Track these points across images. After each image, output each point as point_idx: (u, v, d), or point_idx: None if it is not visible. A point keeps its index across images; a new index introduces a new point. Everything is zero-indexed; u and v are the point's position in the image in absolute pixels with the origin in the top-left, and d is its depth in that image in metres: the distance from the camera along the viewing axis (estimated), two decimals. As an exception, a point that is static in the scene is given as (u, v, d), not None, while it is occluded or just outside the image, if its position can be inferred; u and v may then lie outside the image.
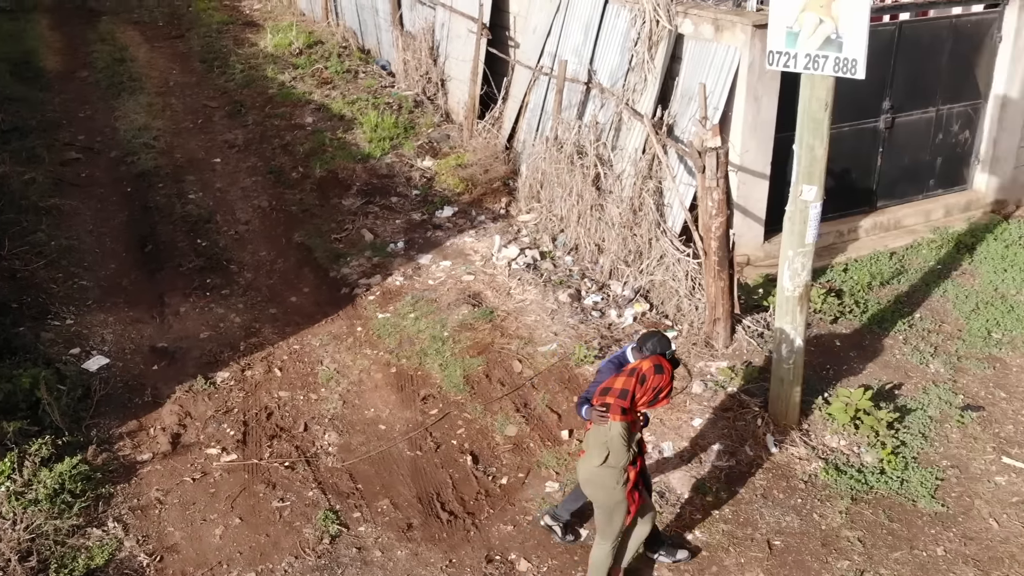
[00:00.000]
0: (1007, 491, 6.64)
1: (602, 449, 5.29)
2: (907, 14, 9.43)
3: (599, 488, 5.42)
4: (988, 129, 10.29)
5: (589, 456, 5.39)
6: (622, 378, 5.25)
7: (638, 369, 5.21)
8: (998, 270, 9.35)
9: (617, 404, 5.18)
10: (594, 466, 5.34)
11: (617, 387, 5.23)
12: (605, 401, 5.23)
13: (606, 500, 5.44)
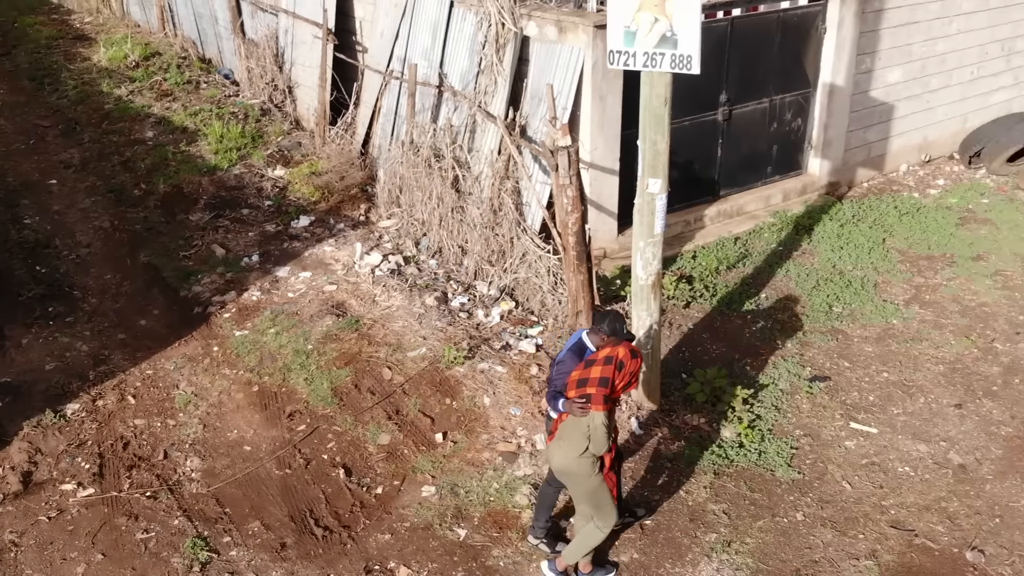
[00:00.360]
0: (856, 454, 7.11)
1: (582, 439, 5.31)
2: (738, 9, 9.93)
3: (576, 476, 5.46)
4: (818, 116, 10.97)
5: (567, 447, 5.39)
6: (598, 367, 5.27)
7: (615, 356, 5.24)
8: (835, 248, 9.99)
9: (599, 393, 5.20)
10: (574, 456, 5.36)
11: (595, 376, 5.24)
12: (585, 392, 5.24)
13: (584, 487, 5.50)
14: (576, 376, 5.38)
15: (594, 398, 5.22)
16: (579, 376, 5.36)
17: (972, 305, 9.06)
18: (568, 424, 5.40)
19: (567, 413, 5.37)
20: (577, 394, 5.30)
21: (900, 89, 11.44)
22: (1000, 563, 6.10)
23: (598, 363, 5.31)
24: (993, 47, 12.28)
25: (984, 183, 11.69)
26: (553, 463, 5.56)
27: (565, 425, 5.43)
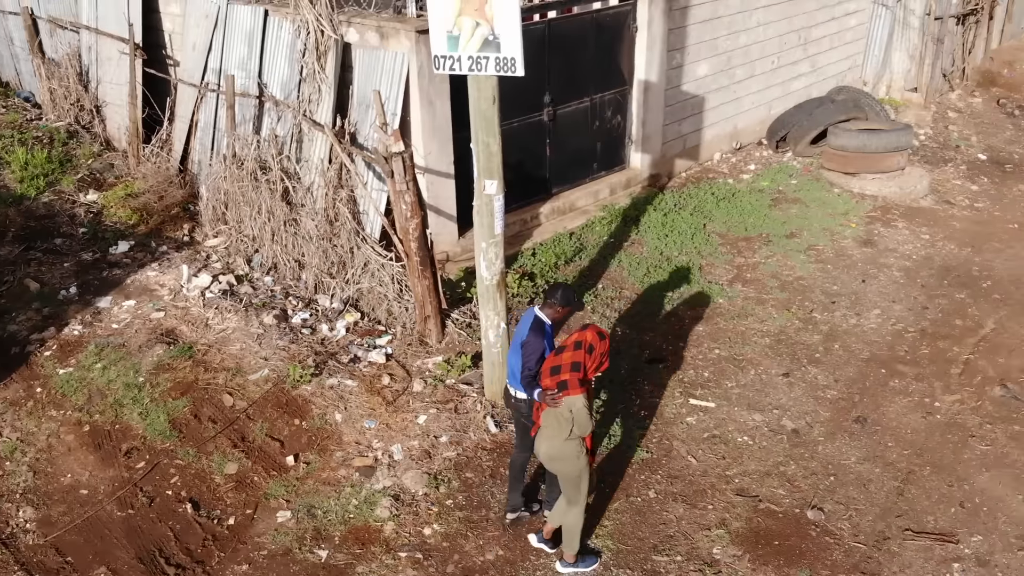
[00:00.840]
0: (698, 429, 7.46)
1: (565, 424, 5.45)
2: (554, 12, 10.20)
3: (565, 461, 5.60)
4: (636, 112, 11.43)
5: (552, 434, 5.52)
6: (568, 352, 5.43)
7: (583, 340, 5.42)
8: (660, 236, 10.44)
9: (574, 378, 5.37)
10: (560, 442, 5.50)
11: (567, 363, 5.40)
12: (560, 379, 5.38)
13: (572, 470, 5.64)
14: (549, 364, 5.54)
15: (570, 383, 5.40)
16: (552, 364, 5.52)
17: (790, 280, 9.72)
18: (550, 412, 5.55)
19: (545, 404, 5.52)
20: (553, 382, 5.44)
21: (709, 82, 12.11)
22: (838, 518, 6.57)
23: (568, 349, 5.48)
24: (791, 37, 13.21)
25: (791, 165, 12.57)
26: (541, 452, 5.70)
27: (547, 414, 5.58)
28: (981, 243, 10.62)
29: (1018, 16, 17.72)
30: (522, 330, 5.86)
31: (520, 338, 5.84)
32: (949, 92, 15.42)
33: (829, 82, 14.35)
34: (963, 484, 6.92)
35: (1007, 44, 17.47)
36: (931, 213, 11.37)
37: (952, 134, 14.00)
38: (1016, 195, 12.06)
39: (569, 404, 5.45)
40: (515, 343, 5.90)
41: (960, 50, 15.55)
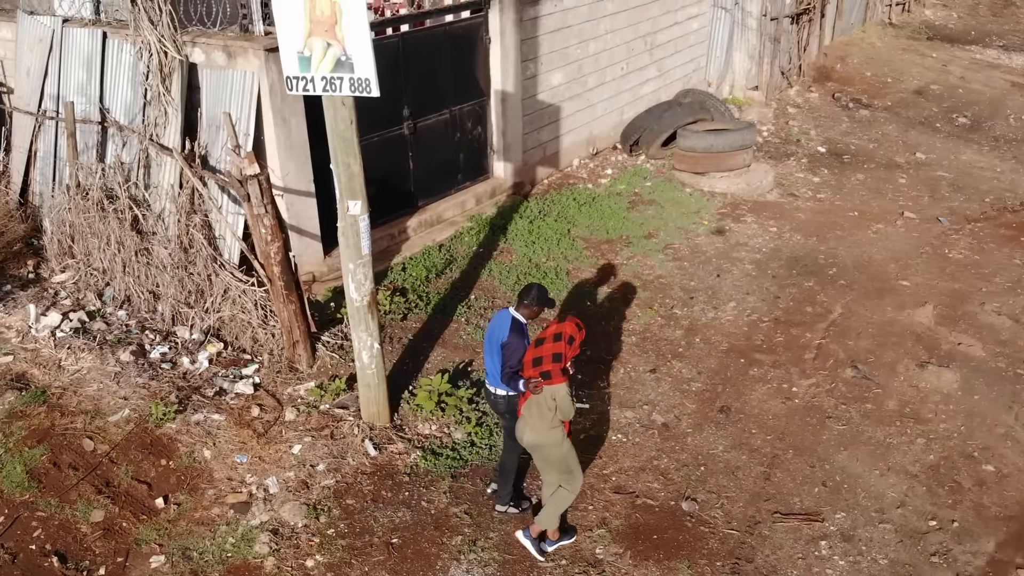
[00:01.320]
0: (575, 431, 7.50)
1: (548, 412, 5.80)
2: (406, 25, 10.19)
3: (549, 448, 5.94)
4: (496, 122, 11.56)
5: (536, 421, 5.85)
6: (549, 344, 5.73)
7: (563, 332, 5.74)
8: (528, 243, 10.59)
9: (556, 368, 5.69)
10: (545, 429, 5.84)
11: (548, 354, 5.69)
12: (543, 370, 5.68)
13: (557, 455, 5.97)
14: (531, 356, 5.81)
15: (553, 373, 5.71)
16: (533, 356, 5.79)
17: (650, 279, 10.05)
18: (532, 401, 5.84)
19: (529, 392, 5.80)
20: (536, 373, 5.71)
21: (563, 90, 12.38)
22: (711, 507, 6.85)
23: (548, 341, 5.77)
24: (638, 43, 13.67)
25: (645, 167, 12.99)
26: (525, 440, 5.99)
27: (530, 403, 5.87)
28: (825, 232, 11.29)
29: (848, 12, 18.95)
30: (499, 332, 6.12)
31: (499, 339, 6.10)
32: (788, 88, 16.32)
33: (676, 85, 14.92)
34: (824, 464, 7.33)
35: (839, 40, 18.65)
36: (777, 206, 12.01)
37: (793, 129, 14.82)
38: (854, 184, 12.88)
39: (552, 392, 5.77)
40: (492, 344, 6.19)
41: (796, 48, 16.48)
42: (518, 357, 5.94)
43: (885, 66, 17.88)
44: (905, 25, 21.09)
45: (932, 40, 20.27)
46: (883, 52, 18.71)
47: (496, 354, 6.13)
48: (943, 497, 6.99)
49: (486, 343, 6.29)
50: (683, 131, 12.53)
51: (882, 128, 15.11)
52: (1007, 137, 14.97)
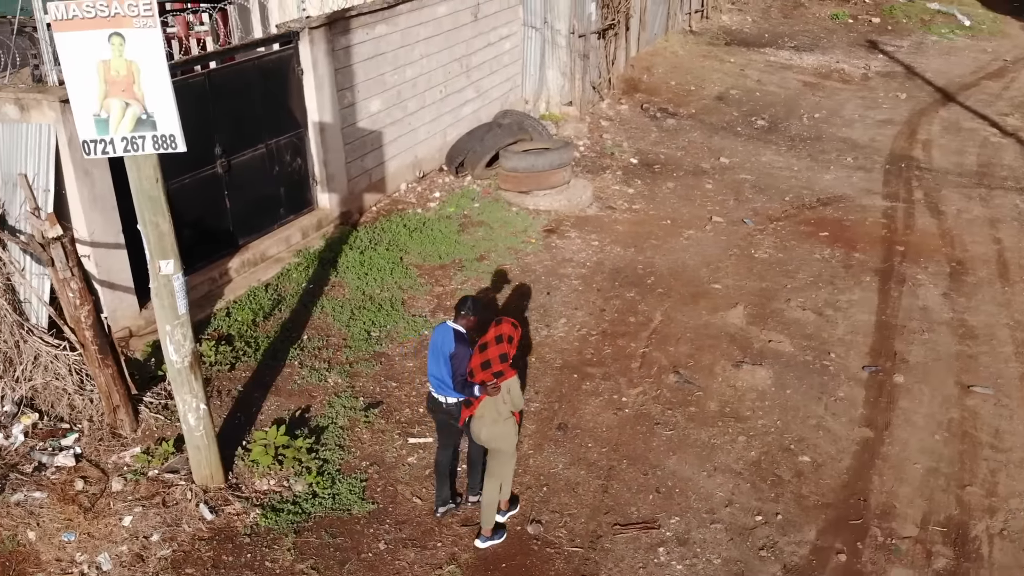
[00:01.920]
0: (419, 467, 7.65)
1: (503, 406, 6.40)
2: (215, 62, 9.89)
3: (505, 438, 6.57)
4: (316, 153, 11.40)
5: (493, 418, 6.44)
6: (492, 347, 6.29)
7: (503, 334, 6.30)
8: (360, 275, 10.52)
9: (506, 366, 6.30)
10: (501, 422, 6.44)
11: (495, 355, 6.28)
12: (494, 370, 6.25)
13: (510, 446, 6.64)
14: (478, 361, 6.33)
15: (505, 372, 6.32)
16: (481, 360, 6.32)
17: (486, 302, 10.21)
18: (487, 400, 6.38)
19: (484, 395, 6.34)
20: (488, 375, 6.26)
21: (383, 117, 12.37)
22: (556, 527, 7.06)
23: (492, 344, 6.31)
24: (454, 66, 13.84)
25: (473, 188, 13.19)
26: (483, 437, 6.57)
27: (484, 402, 6.42)
28: (642, 242, 11.85)
29: (651, 23, 19.90)
30: (444, 345, 6.61)
31: (447, 351, 6.57)
32: (600, 102, 16.98)
33: (495, 104, 15.22)
34: (656, 471, 7.72)
35: (644, 50, 19.57)
36: (597, 220, 12.49)
37: (607, 142, 15.44)
38: (666, 193, 13.58)
39: (507, 386, 6.39)
40: (438, 356, 6.63)
41: (604, 62, 17.17)
42: (467, 364, 6.45)
43: (688, 74, 18.91)
44: (705, 32, 22.38)
45: (730, 45, 21.61)
46: (686, 60, 19.79)
47: (444, 365, 6.59)
48: (766, 491, 7.51)
49: (431, 357, 6.73)
50: (505, 152, 12.82)
51: (688, 135, 15.98)
52: (802, 136, 16.19)
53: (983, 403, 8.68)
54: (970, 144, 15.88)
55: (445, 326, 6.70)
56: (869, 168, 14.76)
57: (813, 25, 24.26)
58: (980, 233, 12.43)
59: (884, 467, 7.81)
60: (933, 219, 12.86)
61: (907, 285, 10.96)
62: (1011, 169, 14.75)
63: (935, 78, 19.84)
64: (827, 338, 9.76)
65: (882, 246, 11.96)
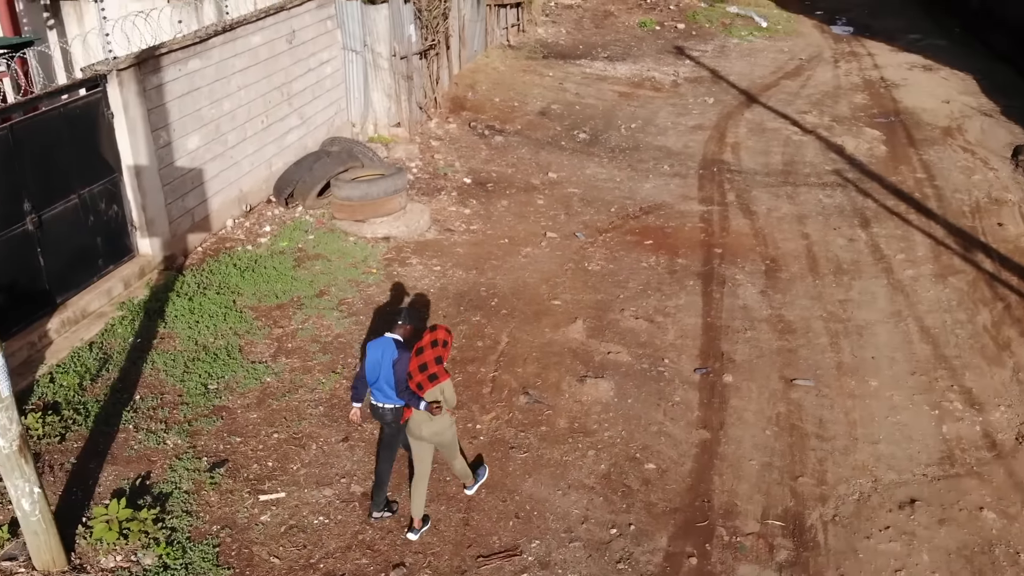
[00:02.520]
0: (274, 525, 7.45)
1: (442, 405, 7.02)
2: (18, 113, 9.24)
3: (445, 432, 7.20)
4: (133, 198, 10.85)
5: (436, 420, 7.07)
6: (428, 351, 6.94)
7: (438, 339, 6.97)
8: (191, 324, 10.11)
9: (440, 369, 6.96)
10: (439, 419, 7.09)
11: (431, 358, 6.94)
12: (431, 373, 6.92)
13: (450, 437, 7.30)
14: (416, 364, 6.94)
15: (439, 374, 6.94)
16: (419, 363, 6.94)
17: (329, 340, 10.07)
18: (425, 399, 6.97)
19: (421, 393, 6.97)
20: (424, 377, 6.90)
21: (203, 153, 11.93)
22: (420, 568, 7.07)
23: (427, 349, 6.95)
24: (274, 95, 13.52)
25: (305, 220, 12.93)
26: (424, 434, 7.15)
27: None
28: (483, 264, 12.03)
29: (471, 40, 20.16)
30: (388, 353, 7.14)
31: (390, 359, 7.12)
32: (428, 121, 17.06)
33: (321, 129, 15.00)
34: (514, 496, 7.88)
35: (467, 67, 19.81)
36: (437, 244, 12.57)
37: (439, 162, 15.54)
38: (501, 211, 13.83)
39: (441, 388, 6.97)
40: (382, 366, 7.14)
41: (429, 82, 17.25)
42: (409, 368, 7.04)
43: (511, 90, 19.30)
44: (523, 46, 22.89)
45: (547, 59, 22.20)
46: (507, 76, 20.19)
47: (389, 371, 7.12)
48: (618, 503, 7.82)
49: (369, 369, 7.21)
50: (336, 181, 12.65)
51: (517, 152, 16.33)
52: (621, 147, 16.88)
53: (806, 395, 9.39)
54: (775, 144, 17.06)
55: (384, 338, 7.27)
56: (684, 174, 15.58)
57: (624, 34, 25.29)
58: (789, 230, 13.40)
59: (723, 467, 8.31)
60: (746, 219, 13.75)
61: (727, 286, 11.68)
62: (812, 165, 15.98)
63: (739, 80, 21.16)
64: (660, 344, 10.26)
65: (702, 250, 12.68)
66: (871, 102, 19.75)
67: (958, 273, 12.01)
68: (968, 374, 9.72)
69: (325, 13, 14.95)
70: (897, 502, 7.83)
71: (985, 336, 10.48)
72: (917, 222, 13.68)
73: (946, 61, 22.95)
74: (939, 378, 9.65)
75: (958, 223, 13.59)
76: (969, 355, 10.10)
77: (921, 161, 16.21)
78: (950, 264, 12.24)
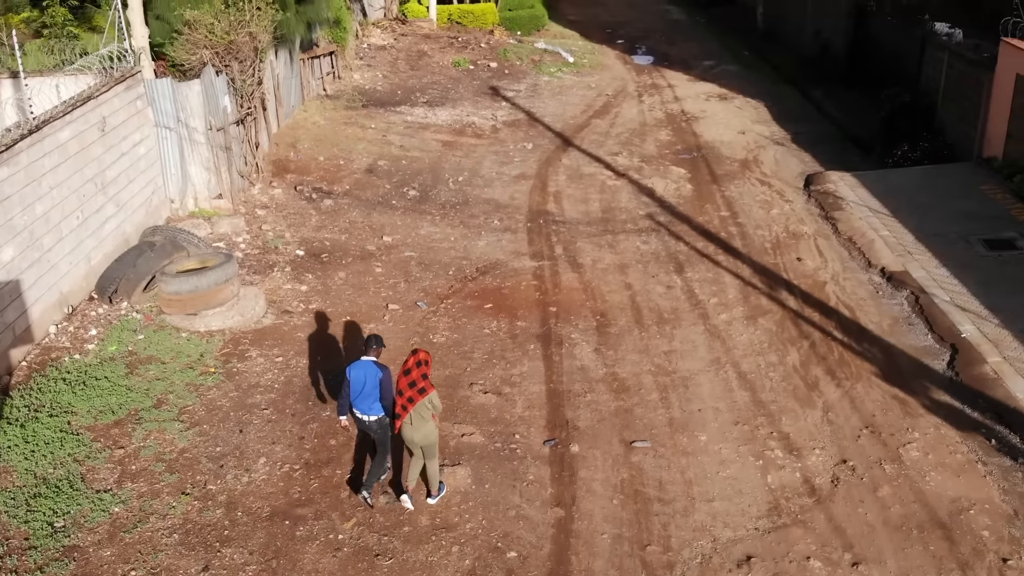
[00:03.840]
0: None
1: (428, 413, 8.70)
2: None
3: (431, 435, 8.85)
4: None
5: (420, 423, 8.71)
6: (415, 370, 8.63)
7: (420, 359, 8.69)
8: (27, 454, 9.61)
9: (427, 383, 8.67)
10: (429, 425, 8.75)
11: (418, 376, 8.61)
12: (420, 387, 8.60)
13: (436, 439, 8.94)
14: (406, 382, 8.64)
15: (427, 388, 8.67)
16: (408, 381, 8.63)
17: (174, 457, 9.83)
18: (414, 412, 8.66)
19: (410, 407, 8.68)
20: (415, 391, 8.60)
21: (19, 263, 11.33)
22: None
23: (413, 369, 8.66)
24: (88, 187, 12.98)
25: (133, 318, 12.48)
26: (416, 439, 8.83)
27: (412, 415, 8.69)
28: (326, 349, 12.07)
29: (287, 97, 19.98)
30: (374, 372, 8.88)
31: (376, 377, 8.86)
32: (251, 188, 16.81)
33: (139, 212, 14.51)
34: (384, 606, 8.06)
35: (286, 125, 19.63)
36: (276, 331, 12.48)
37: (268, 235, 15.36)
38: (339, 285, 13.87)
39: (429, 399, 8.69)
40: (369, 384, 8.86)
41: (249, 147, 17.00)
42: (393, 384, 8.82)
43: (334, 146, 19.27)
44: (340, 95, 22.89)
45: (368, 107, 22.34)
46: (328, 131, 20.14)
47: (375, 388, 8.82)
48: (485, 599, 8.17)
49: (355, 386, 8.88)
50: (162, 276, 12.31)
51: (348, 215, 16.39)
52: (451, 202, 17.29)
53: (644, 457, 10.11)
54: (592, 191, 18.01)
55: (364, 361, 8.92)
56: (514, 228, 16.20)
57: (440, 75, 25.78)
58: (614, 281, 14.25)
59: (578, 545, 8.84)
60: (574, 273, 14.51)
61: (565, 347, 12.32)
62: (627, 211, 17.01)
63: (553, 122, 22.12)
64: (510, 419, 10.71)
65: (539, 310, 13.29)
66: (675, 138, 21.19)
67: (766, 313, 13.22)
68: (784, 419, 10.77)
69: (134, 94, 14.48)
70: (735, 560, 8.62)
71: (795, 377, 11.62)
72: (726, 263, 14.90)
73: (739, 88, 24.94)
74: (760, 426, 10.64)
75: (762, 261, 14.91)
76: (784, 398, 11.18)
77: (724, 198, 17.61)
78: (759, 305, 13.44)
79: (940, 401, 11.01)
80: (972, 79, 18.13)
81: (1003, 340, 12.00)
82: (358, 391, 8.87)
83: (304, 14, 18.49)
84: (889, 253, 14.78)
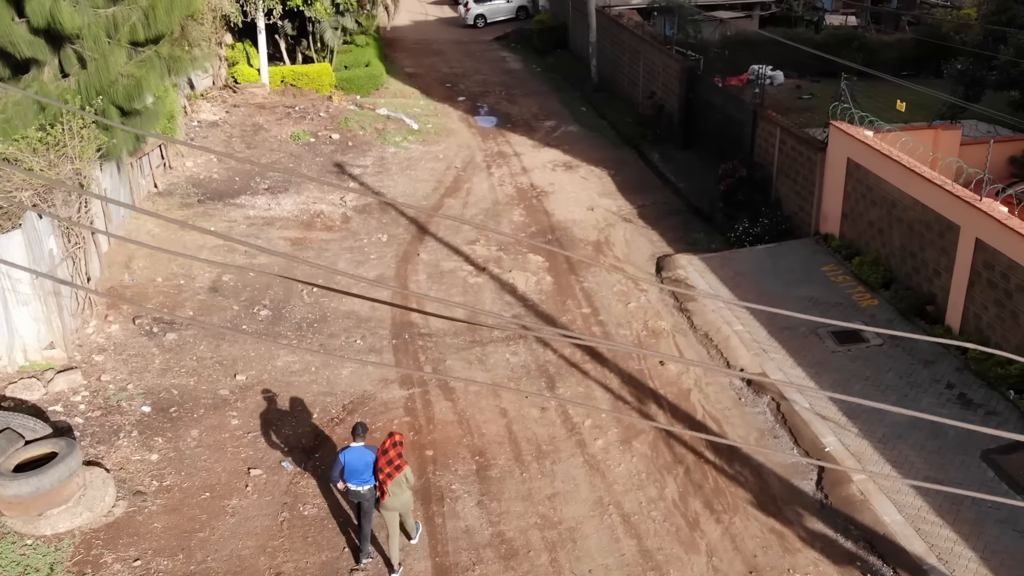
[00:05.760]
0: None
1: (406, 484, 10.51)
2: None
3: (408, 502, 10.73)
4: None
5: (400, 492, 10.50)
6: (393, 451, 10.36)
7: (396, 442, 10.45)
8: None
9: (403, 461, 10.44)
10: (408, 494, 10.66)
11: (395, 455, 10.35)
12: (396, 464, 10.36)
13: (411, 503, 10.84)
14: (384, 461, 10.33)
15: (402, 464, 10.40)
16: (386, 460, 10.32)
17: None
18: (394, 484, 10.35)
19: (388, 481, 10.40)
20: (392, 468, 10.30)
21: None
22: None
23: (391, 449, 10.34)
24: None
25: (-39, 526, 11.14)
26: (398, 507, 10.56)
27: (392, 485, 10.33)
28: (188, 540, 11.16)
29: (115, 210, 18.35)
30: (369, 456, 10.56)
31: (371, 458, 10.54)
32: (86, 328, 15.43)
33: (-40, 383, 13.01)
34: None
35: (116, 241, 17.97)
36: (130, 524, 11.42)
37: (109, 388, 14.08)
38: (193, 449, 12.86)
39: (405, 473, 10.43)
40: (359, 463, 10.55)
41: (77, 278, 15.57)
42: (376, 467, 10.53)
43: (172, 262, 17.84)
44: (174, 190, 21.45)
45: (204, 203, 21.00)
46: (164, 240, 18.69)
47: (368, 467, 10.50)
48: None
49: (351, 467, 10.56)
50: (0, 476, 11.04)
51: (194, 351, 15.23)
52: (308, 320, 16.42)
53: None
54: (455, 290, 17.65)
55: (358, 448, 10.58)
56: (379, 348, 15.61)
57: (279, 151, 24.63)
58: (488, 408, 13.97)
59: None
60: (448, 402, 14.12)
61: (447, 503, 11.95)
62: (493, 315, 16.75)
63: (405, 206, 21.55)
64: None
65: (415, 455, 12.81)
66: (528, 218, 21.17)
67: (640, 434, 13.31)
68: (672, 571, 10.83)
69: (-59, 254, 12.94)
70: None
71: (676, 514, 11.74)
72: (594, 373, 14.93)
73: (582, 155, 25.24)
74: (650, 583, 10.65)
75: (627, 368, 15.05)
76: (668, 543, 11.25)
77: (583, 291, 17.70)
78: (631, 425, 13.52)
79: (815, 531, 11.39)
80: (805, 157, 19.03)
81: (864, 452, 12.59)
82: (352, 470, 10.55)
83: (134, 124, 17.08)
84: (745, 352, 15.25)
